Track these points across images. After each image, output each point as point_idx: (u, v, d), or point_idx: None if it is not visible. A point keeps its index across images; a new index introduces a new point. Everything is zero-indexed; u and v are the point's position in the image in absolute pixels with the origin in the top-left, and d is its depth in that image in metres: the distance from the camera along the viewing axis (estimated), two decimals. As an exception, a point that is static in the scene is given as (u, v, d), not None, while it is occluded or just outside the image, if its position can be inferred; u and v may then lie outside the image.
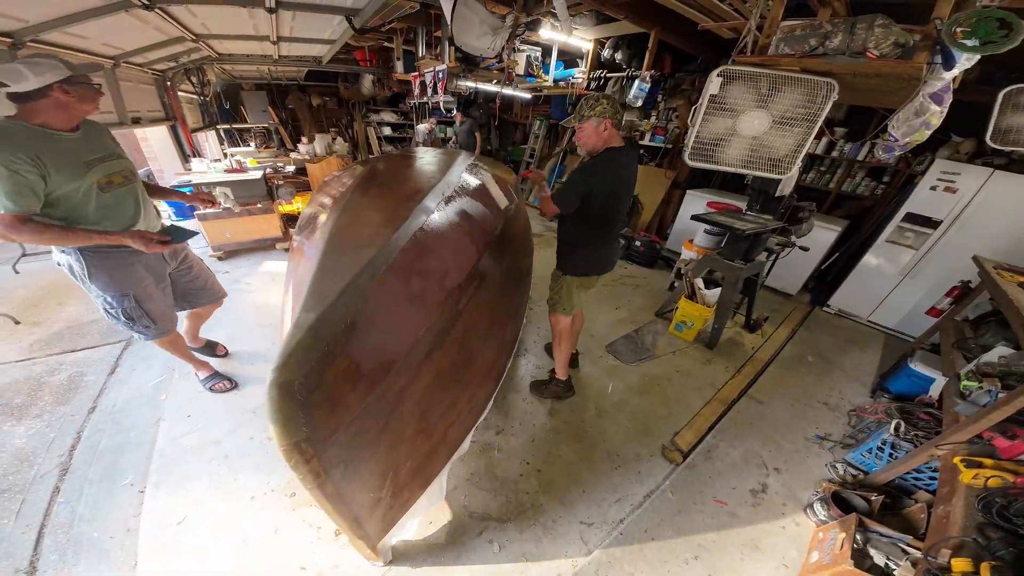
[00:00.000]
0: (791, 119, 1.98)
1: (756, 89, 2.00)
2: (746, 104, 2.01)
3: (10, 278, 3.87)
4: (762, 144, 2.07)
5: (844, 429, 2.51)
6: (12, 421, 2.19)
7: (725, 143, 2.13)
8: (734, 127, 2.05)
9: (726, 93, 2.02)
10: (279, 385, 0.84)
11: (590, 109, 1.79)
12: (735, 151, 2.13)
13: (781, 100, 1.97)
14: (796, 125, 1.97)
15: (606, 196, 1.91)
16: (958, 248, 3.24)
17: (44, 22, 2.21)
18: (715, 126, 2.11)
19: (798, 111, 1.94)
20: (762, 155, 2.09)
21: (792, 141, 2.00)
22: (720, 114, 2.07)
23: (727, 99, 2.03)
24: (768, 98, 1.98)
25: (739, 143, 2.11)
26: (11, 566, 1.55)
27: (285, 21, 3.35)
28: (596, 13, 4.37)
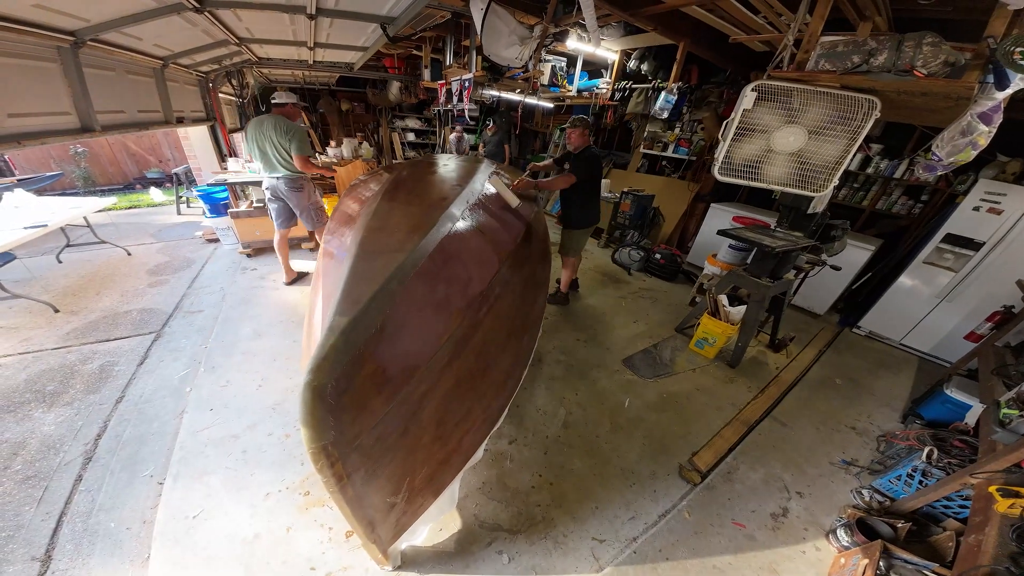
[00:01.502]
0: (828, 136, 1.92)
1: (789, 105, 1.95)
2: (779, 120, 1.96)
3: (53, 267, 4.08)
4: (798, 161, 2.01)
5: (872, 455, 2.41)
6: (43, 408, 2.29)
7: (759, 159, 2.08)
8: (768, 143, 2.00)
9: (759, 111, 1.98)
10: (313, 388, 0.85)
11: (581, 123, 3.14)
12: (769, 167, 2.08)
13: (816, 116, 1.92)
14: (833, 142, 1.91)
15: (593, 172, 3.22)
16: (1001, 271, 3.09)
17: (104, 22, 2.34)
18: (749, 143, 2.07)
19: (836, 127, 1.88)
20: (797, 172, 2.04)
21: (829, 158, 1.94)
22: (752, 134, 2.03)
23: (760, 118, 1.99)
24: (800, 113, 1.93)
25: (774, 159, 2.06)
26: (28, 554, 1.59)
27: (323, 28, 3.47)
28: (624, 24, 4.37)
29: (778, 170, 2.09)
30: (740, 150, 2.11)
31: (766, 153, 2.05)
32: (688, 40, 4.12)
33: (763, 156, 2.08)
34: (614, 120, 6.08)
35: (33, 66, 2.19)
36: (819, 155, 1.99)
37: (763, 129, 2.01)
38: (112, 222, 5.50)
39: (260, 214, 4.39)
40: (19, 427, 2.15)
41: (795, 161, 2.04)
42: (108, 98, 2.82)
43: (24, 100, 2.15)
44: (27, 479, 1.88)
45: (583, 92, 5.99)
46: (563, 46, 4.48)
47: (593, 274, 4.78)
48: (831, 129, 1.90)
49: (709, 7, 3.16)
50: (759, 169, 2.12)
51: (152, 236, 5.18)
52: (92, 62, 2.59)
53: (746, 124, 2.03)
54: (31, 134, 2.17)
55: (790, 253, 2.72)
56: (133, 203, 6.69)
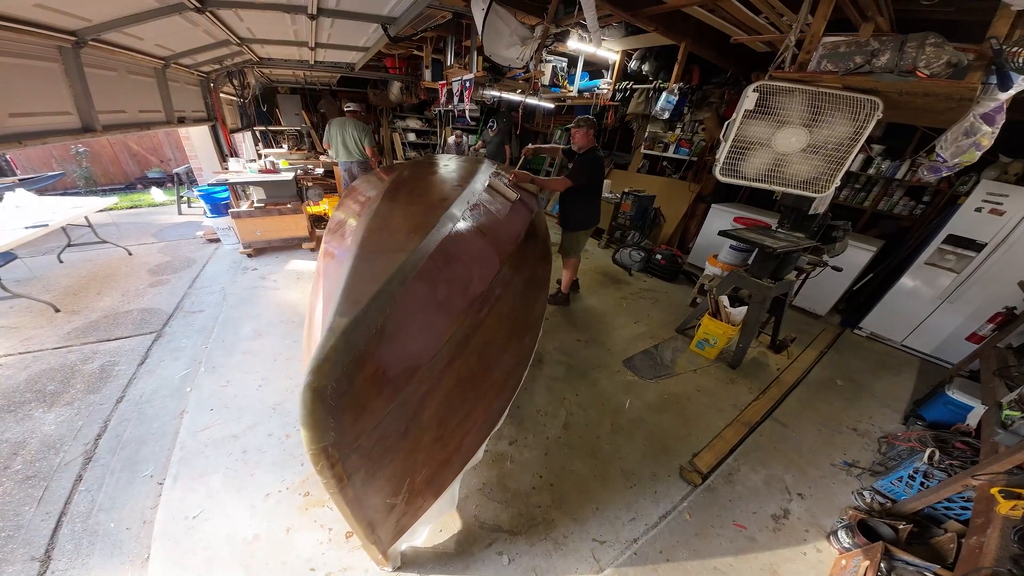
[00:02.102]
0: (830, 137, 1.91)
1: (792, 106, 1.94)
2: (786, 119, 1.96)
3: (54, 266, 4.09)
4: (799, 161, 2.01)
5: (873, 456, 2.40)
6: (43, 408, 2.29)
7: (760, 159, 2.07)
8: (770, 143, 2.00)
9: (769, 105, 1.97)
10: (313, 389, 0.84)
11: (585, 123, 3.14)
12: (770, 168, 2.08)
13: (822, 118, 1.91)
14: (836, 128, 1.90)
15: (595, 176, 3.23)
16: (1003, 273, 3.08)
17: (105, 22, 2.35)
18: (751, 137, 2.06)
19: (838, 130, 1.87)
20: (796, 173, 2.03)
21: (840, 139, 1.92)
22: (755, 131, 2.02)
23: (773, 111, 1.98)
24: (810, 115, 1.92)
25: (775, 160, 2.05)
26: (27, 554, 1.59)
27: (324, 28, 3.47)
28: (625, 25, 4.37)
29: (798, 167, 2.07)
30: (750, 163, 2.11)
31: (777, 158, 2.04)
32: (689, 41, 4.12)
33: (776, 162, 2.07)
34: (615, 121, 6.07)
35: (35, 66, 2.19)
36: (830, 138, 1.96)
37: (761, 141, 2.01)
38: (113, 222, 5.50)
39: (261, 214, 4.40)
40: (19, 427, 2.15)
41: (810, 153, 2.02)
42: (109, 98, 2.82)
43: (26, 100, 2.15)
44: (27, 479, 1.88)
45: (584, 93, 5.98)
46: (564, 46, 4.48)
47: (594, 275, 4.78)
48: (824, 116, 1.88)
49: (710, 8, 3.15)
50: (778, 173, 2.11)
51: (153, 236, 5.19)
52: (93, 62, 2.59)
53: (744, 138, 2.03)
54: (32, 134, 2.17)
55: (791, 254, 2.72)
56: (134, 203, 6.70)
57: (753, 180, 2.15)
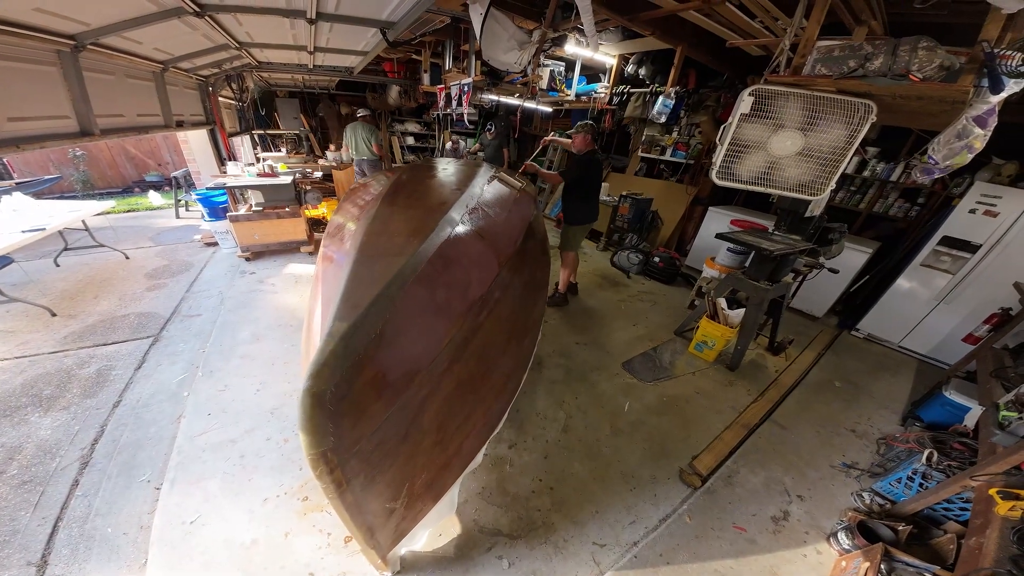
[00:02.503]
0: (825, 142, 1.93)
1: (794, 110, 1.96)
2: (783, 122, 1.98)
3: (51, 270, 4.07)
4: (794, 164, 2.03)
5: (872, 457, 2.41)
6: (40, 412, 2.28)
7: (754, 161, 2.09)
8: (766, 146, 2.02)
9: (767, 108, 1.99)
10: (312, 394, 0.84)
11: (583, 129, 3.33)
12: (763, 170, 2.09)
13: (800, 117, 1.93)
14: (831, 133, 1.92)
15: (591, 176, 3.46)
16: (998, 274, 3.10)
17: (104, 26, 2.35)
18: (750, 158, 2.09)
19: (827, 122, 1.89)
20: (794, 175, 2.05)
21: (833, 147, 1.94)
22: (752, 132, 2.04)
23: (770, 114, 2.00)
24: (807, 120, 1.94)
25: (779, 164, 2.07)
26: (23, 559, 1.58)
27: (323, 32, 3.48)
28: (622, 29, 4.40)
29: (791, 171, 2.09)
30: (744, 165, 2.12)
31: (771, 161, 2.06)
32: (686, 45, 4.15)
33: (770, 165, 2.09)
34: (612, 124, 6.10)
35: (33, 70, 2.19)
36: (824, 143, 1.99)
37: (757, 143, 2.02)
38: (110, 225, 5.49)
39: (259, 218, 4.39)
40: (15, 431, 2.14)
41: (804, 158, 2.04)
42: (108, 102, 2.82)
43: (24, 104, 2.14)
44: (23, 484, 1.87)
45: (581, 96, 6.02)
46: (561, 51, 4.50)
47: (592, 277, 4.79)
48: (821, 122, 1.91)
49: (706, 12, 3.19)
50: (771, 176, 2.13)
51: (150, 240, 5.17)
52: (92, 66, 2.59)
53: (740, 140, 2.04)
54: (30, 138, 2.17)
55: (788, 256, 2.73)
56: (132, 206, 6.68)
57: (747, 182, 2.16)
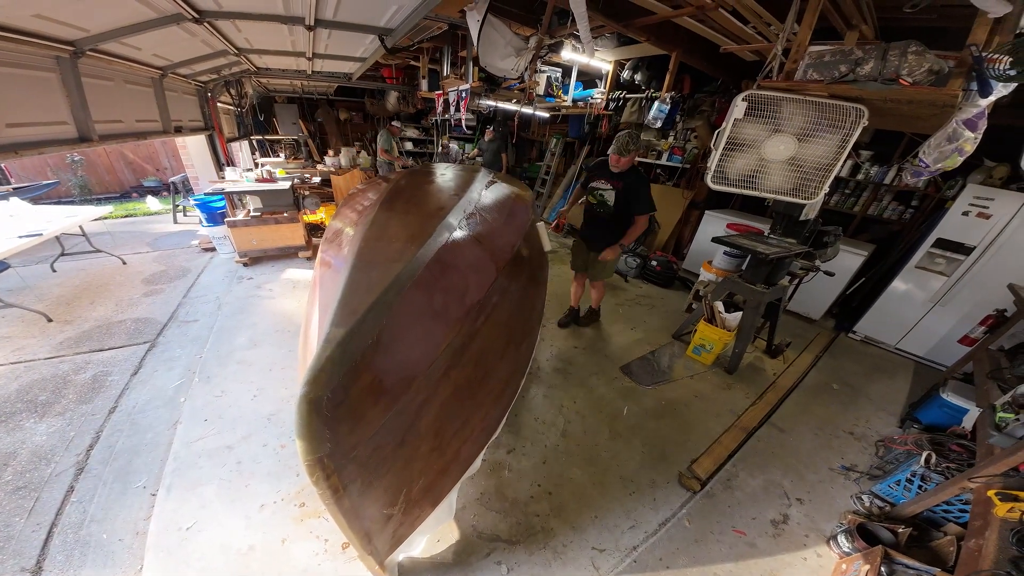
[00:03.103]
0: (817, 141, 1.95)
1: (776, 115, 1.98)
2: (767, 131, 2.00)
3: (47, 276, 4.06)
4: (790, 168, 2.05)
5: (871, 460, 2.41)
6: (35, 418, 2.26)
7: (744, 161, 2.11)
8: (759, 152, 2.04)
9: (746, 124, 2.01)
10: (309, 400, 0.84)
11: (634, 144, 2.65)
12: (767, 177, 2.11)
13: (802, 124, 1.95)
14: (822, 146, 1.95)
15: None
16: (992, 275, 3.12)
17: (103, 32, 2.36)
18: (741, 157, 2.11)
19: (824, 133, 1.92)
20: (774, 183, 2.07)
21: (820, 162, 1.98)
22: (749, 131, 2.06)
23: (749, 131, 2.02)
24: (787, 122, 1.97)
25: (766, 168, 2.09)
26: (18, 565, 1.56)
27: (321, 39, 3.51)
28: (617, 35, 4.45)
29: (776, 178, 2.12)
30: (734, 164, 2.14)
31: (760, 164, 2.09)
32: (680, 50, 4.19)
33: (758, 167, 2.11)
34: (609, 129, 6.15)
35: (32, 76, 2.20)
36: (813, 157, 2.02)
37: (752, 143, 2.05)
38: (108, 231, 5.48)
39: (257, 223, 4.39)
40: (10, 437, 2.12)
41: (791, 167, 2.07)
42: (106, 108, 2.83)
43: (23, 110, 2.15)
44: (18, 489, 1.85)
45: (578, 102, 6.06)
46: (558, 57, 4.55)
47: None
48: (818, 132, 1.93)
49: (700, 18, 3.22)
50: (756, 180, 2.15)
51: (148, 245, 5.16)
52: (91, 72, 2.61)
53: (736, 138, 2.06)
54: (29, 144, 2.18)
55: (784, 259, 2.75)
56: (129, 212, 6.67)
57: (735, 182, 2.18)
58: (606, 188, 2.82)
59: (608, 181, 2.80)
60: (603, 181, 2.84)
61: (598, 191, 2.87)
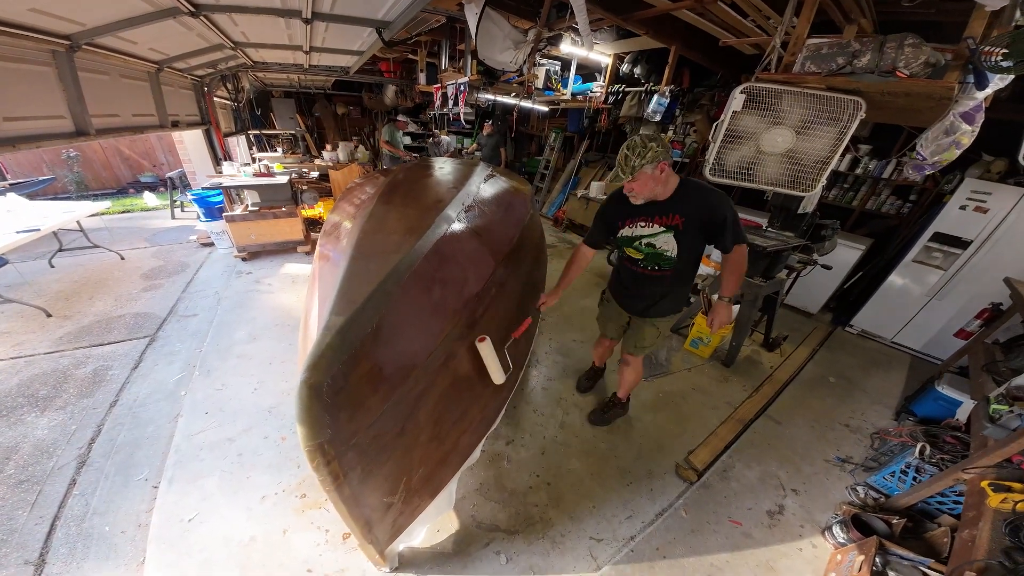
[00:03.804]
0: (815, 135, 1.96)
1: (776, 107, 1.99)
2: (766, 123, 2.00)
3: (46, 271, 4.05)
4: (786, 161, 2.05)
5: (866, 452, 2.43)
6: (36, 412, 2.27)
7: (742, 152, 2.12)
8: (757, 144, 2.04)
9: (748, 114, 2.02)
10: (309, 386, 0.85)
11: (639, 158, 1.46)
12: (762, 169, 2.12)
13: (802, 116, 1.95)
14: (820, 141, 1.95)
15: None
16: (989, 269, 3.13)
17: (99, 26, 2.34)
18: (739, 148, 2.11)
19: (823, 128, 1.92)
20: (770, 175, 2.07)
21: (817, 157, 1.98)
22: (748, 122, 2.06)
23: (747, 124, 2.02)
24: (786, 115, 1.97)
25: (762, 160, 2.09)
26: (21, 558, 1.58)
27: (318, 32, 3.48)
28: (616, 28, 4.42)
29: (773, 170, 2.12)
30: (732, 156, 2.14)
31: (758, 156, 2.09)
32: (679, 44, 4.17)
33: (756, 159, 2.12)
34: (608, 123, 6.13)
35: (28, 70, 2.18)
36: (810, 152, 2.02)
37: (751, 135, 2.05)
38: (105, 226, 5.47)
39: (255, 218, 4.39)
40: (12, 431, 2.13)
41: (789, 159, 2.07)
42: (103, 102, 2.81)
43: (19, 104, 2.14)
44: (20, 483, 1.86)
45: (577, 95, 6.03)
46: (557, 50, 4.53)
47: (589, 276, 4.80)
48: (817, 127, 1.94)
49: (699, 11, 3.21)
50: (753, 171, 2.16)
51: (146, 240, 5.15)
52: (87, 66, 2.59)
53: (735, 131, 2.06)
54: (26, 138, 2.16)
55: (781, 253, 2.76)
56: (127, 207, 6.65)
57: (733, 173, 2.18)
58: (654, 231, 1.69)
59: (652, 219, 1.68)
60: (644, 221, 1.70)
61: (640, 240, 1.74)
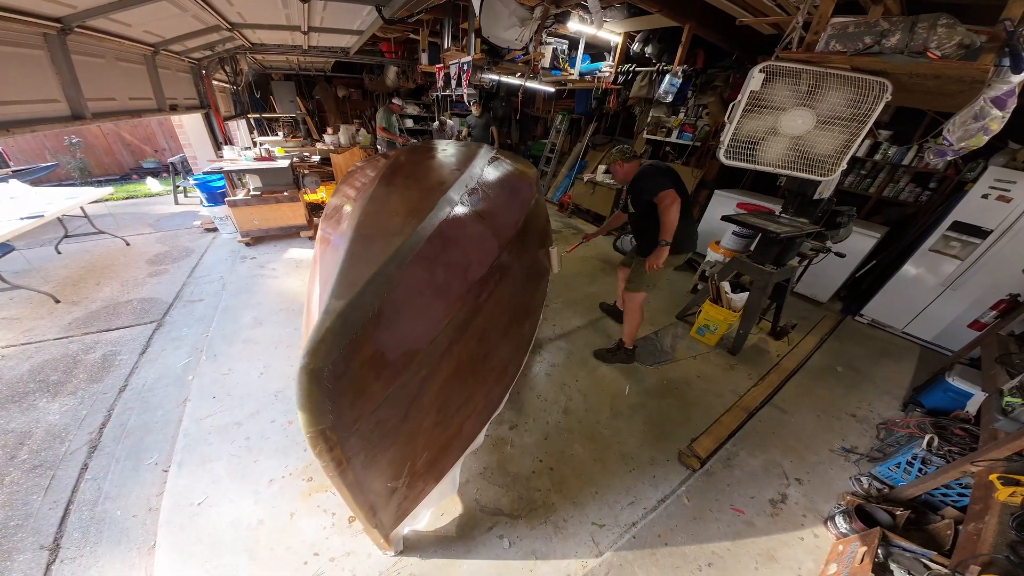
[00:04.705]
0: (837, 118, 1.87)
1: (798, 87, 1.89)
2: (788, 102, 1.91)
3: (52, 258, 4.07)
4: (805, 144, 1.97)
5: (872, 442, 2.41)
6: (47, 398, 2.30)
7: (765, 142, 2.03)
8: (775, 126, 1.96)
9: (769, 90, 1.92)
10: (309, 371, 0.83)
11: (605, 162, 2.83)
12: (775, 151, 2.04)
13: (826, 99, 1.86)
14: (843, 125, 1.86)
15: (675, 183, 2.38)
16: (1008, 260, 3.05)
17: (91, 8, 2.28)
18: (755, 124, 2.02)
19: (845, 110, 1.83)
20: (804, 156, 1.99)
21: (838, 142, 1.90)
22: (761, 112, 1.98)
23: (770, 96, 1.93)
24: (811, 96, 1.88)
25: (780, 143, 2.01)
26: (36, 542, 1.61)
27: (316, 11, 3.38)
28: (628, 6, 4.25)
29: (790, 154, 2.03)
30: (747, 125, 2.04)
31: (772, 134, 2.00)
32: (694, 22, 4.00)
33: (769, 134, 2.02)
34: (617, 104, 5.97)
35: (19, 53, 2.14)
36: (819, 145, 1.94)
37: (778, 106, 1.93)
38: (110, 212, 5.47)
39: (258, 202, 4.36)
40: (24, 417, 2.17)
41: (799, 143, 1.99)
42: (98, 85, 2.77)
43: (12, 88, 2.11)
44: (34, 468, 1.90)
45: (585, 75, 5.86)
46: (565, 28, 4.37)
47: (595, 261, 4.76)
48: (841, 111, 1.85)
49: (716, -14, 3.06)
50: (758, 147, 2.06)
51: (150, 226, 5.15)
52: (81, 49, 2.54)
53: (758, 101, 1.96)
54: (20, 122, 2.13)
55: (795, 239, 2.69)
56: (130, 193, 6.64)
57: (767, 166, 2.10)
58: (629, 200, 2.67)
59: (626, 193, 2.70)
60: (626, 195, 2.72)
61: (628, 203, 2.71)
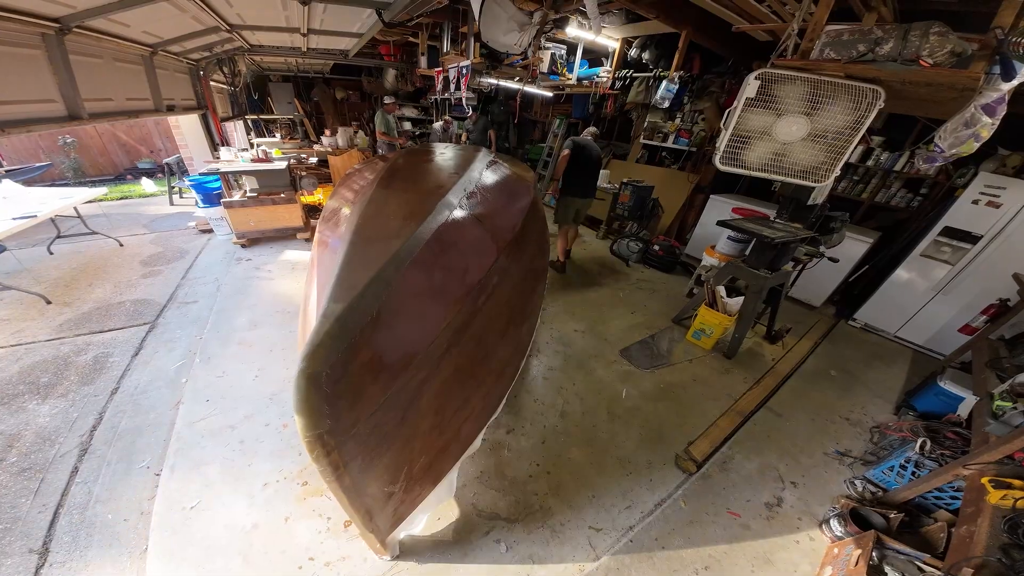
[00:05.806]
0: (831, 125, 1.89)
1: (795, 94, 1.92)
2: (784, 109, 1.94)
3: (44, 258, 4.03)
4: (799, 150, 1.99)
5: (865, 446, 2.43)
6: (37, 400, 2.27)
7: (760, 148, 2.06)
8: (771, 132, 1.98)
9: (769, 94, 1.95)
10: (307, 375, 0.83)
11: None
12: (770, 156, 2.06)
13: (821, 105, 1.89)
14: (836, 132, 1.89)
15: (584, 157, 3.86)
16: (998, 265, 3.10)
17: (89, 8, 2.27)
18: (751, 128, 2.04)
19: (839, 118, 1.86)
20: (798, 162, 2.02)
21: (831, 149, 1.92)
22: (756, 118, 2.00)
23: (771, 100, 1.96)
24: (809, 103, 1.90)
25: (775, 148, 2.03)
26: (25, 546, 1.58)
27: (316, 13, 3.39)
28: (626, 12, 4.30)
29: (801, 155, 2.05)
30: (753, 152, 2.08)
31: (767, 140, 2.03)
32: (690, 29, 4.05)
33: (764, 140, 2.05)
34: (614, 109, 6.01)
35: (17, 53, 2.13)
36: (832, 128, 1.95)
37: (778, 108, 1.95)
38: (103, 213, 5.42)
39: (254, 204, 4.34)
40: (13, 419, 2.14)
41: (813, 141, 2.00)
42: (96, 86, 2.75)
43: (8, 87, 2.09)
44: (23, 471, 1.87)
45: (583, 80, 5.91)
46: (563, 33, 4.41)
47: (591, 265, 4.77)
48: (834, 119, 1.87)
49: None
50: (751, 155, 2.09)
51: (144, 227, 5.11)
52: (78, 49, 2.52)
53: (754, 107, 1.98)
54: (16, 122, 2.12)
55: (789, 244, 2.72)
56: (124, 194, 6.58)
57: (755, 169, 2.13)
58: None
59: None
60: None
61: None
